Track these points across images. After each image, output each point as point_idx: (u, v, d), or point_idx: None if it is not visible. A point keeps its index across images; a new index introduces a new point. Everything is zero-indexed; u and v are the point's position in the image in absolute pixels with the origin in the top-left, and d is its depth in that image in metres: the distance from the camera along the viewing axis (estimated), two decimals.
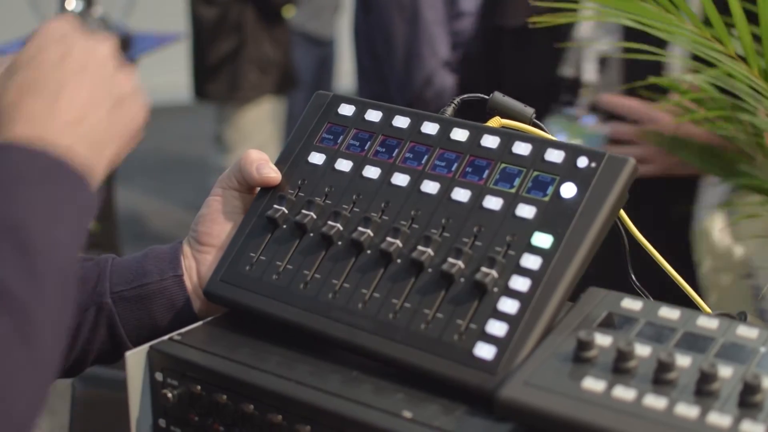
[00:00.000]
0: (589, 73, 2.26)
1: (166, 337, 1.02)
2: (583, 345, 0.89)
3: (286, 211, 1.08)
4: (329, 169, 1.10)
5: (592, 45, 2.06)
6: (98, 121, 0.88)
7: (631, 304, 0.96)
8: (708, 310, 1.06)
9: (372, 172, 1.07)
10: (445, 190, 1.03)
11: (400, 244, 1.00)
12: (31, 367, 0.76)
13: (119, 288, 1.08)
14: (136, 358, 1.01)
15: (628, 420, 0.82)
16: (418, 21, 2.93)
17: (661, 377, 0.85)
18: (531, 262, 0.95)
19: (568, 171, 1.00)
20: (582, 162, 0.99)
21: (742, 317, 1.02)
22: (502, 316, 0.94)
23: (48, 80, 0.87)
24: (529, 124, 1.12)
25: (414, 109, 1.11)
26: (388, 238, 1.01)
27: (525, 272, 0.95)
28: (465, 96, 1.17)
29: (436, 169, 1.05)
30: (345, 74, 6.05)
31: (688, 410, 0.82)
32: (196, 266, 1.11)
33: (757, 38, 1.48)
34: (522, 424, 0.87)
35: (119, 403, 1.06)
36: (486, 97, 1.15)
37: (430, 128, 1.08)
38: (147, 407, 1.03)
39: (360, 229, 1.03)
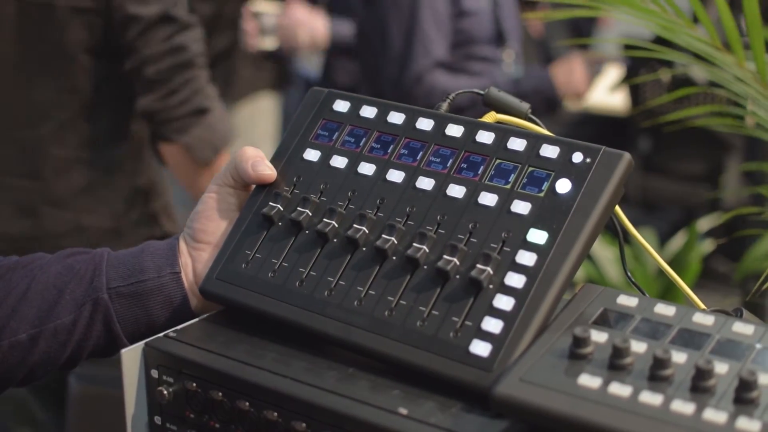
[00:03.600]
0: None
1: (161, 335, 1.02)
2: (579, 342, 0.89)
3: (282, 209, 1.08)
4: (324, 165, 1.09)
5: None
6: None
7: (627, 300, 0.95)
8: (703, 306, 1.06)
9: (367, 168, 1.07)
10: (441, 187, 1.03)
11: (396, 241, 1.00)
12: None
13: (116, 284, 1.08)
14: (131, 355, 1.01)
15: (624, 416, 0.82)
16: (413, 20, 2.93)
17: (656, 374, 0.85)
18: (526, 258, 0.95)
19: (563, 166, 1.00)
20: (577, 157, 0.99)
21: (737, 313, 1.02)
22: (497, 313, 0.94)
23: None
24: (525, 120, 1.12)
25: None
26: (384, 235, 1.01)
27: (520, 269, 0.95)
28: (460, 91, 1.17)
29: (431, 165, 1.05)
30: None
31: (683, 407, 0.82)
32: (191, 263, 1.11)
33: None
34: (518, 421, 0.87)
35: (115, 400, 1.06)
36: (481, 92, 1.15)
37: (425, 124, 1.08)
38: (143, 404, 1.03)
39: (355, 226, 1.03)
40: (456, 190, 1.02)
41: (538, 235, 0.96)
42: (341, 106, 1.13)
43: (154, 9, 1.98)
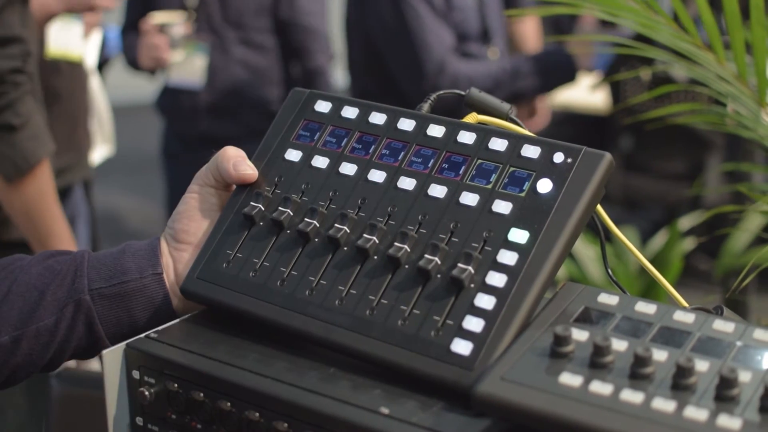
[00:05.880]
0: None
1: (142, 335, 1.02)
2: (560, 340, 0.89)
3: (263, 208, 1.08)
4: (306, 165, 1.09)
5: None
6: None
7: (608, 298, 0.96)
8: (685, 304, 1.07)
9: (348, 168, 1.07)
10: (422, 186, 1.03)
11: (377, 241, 1.00)
12: None
13: (97, 285, 1.08)
14: (112, 356, 1.00)
15: (605, 414, 0.82)
16: (415, 13, 2.92)
17: (637, 372, 0.85)
18: (507, 257, 0.96)
19: (544, 166, 1.00)
20: (558, 157, 1.00)
21: (718, 311, 1.03)
22: (478, 312, 0.94)
23: None
24: (506, 120, 1.12)
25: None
26: (365, 235, 1.01)
27: (501, 268, 0.95)
28: (442, 92, 1.17)
29: (412, 166, 1.05)
30: None
31: (664, 404, 0.82)
32: (173, 264, 1.10)
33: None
34: (499, 420, 0.87)
35: (96, 402, 1.05)
36: (463, 93, 1.15)
37: (406, 124, 1.08)
38: (124, 405, 1.02)
39: (337, 225, 1.03)
40: (437, 190, 1.02)
41: (519, 235, 0.97)
42: (323, 106, 1.13)
43: None
